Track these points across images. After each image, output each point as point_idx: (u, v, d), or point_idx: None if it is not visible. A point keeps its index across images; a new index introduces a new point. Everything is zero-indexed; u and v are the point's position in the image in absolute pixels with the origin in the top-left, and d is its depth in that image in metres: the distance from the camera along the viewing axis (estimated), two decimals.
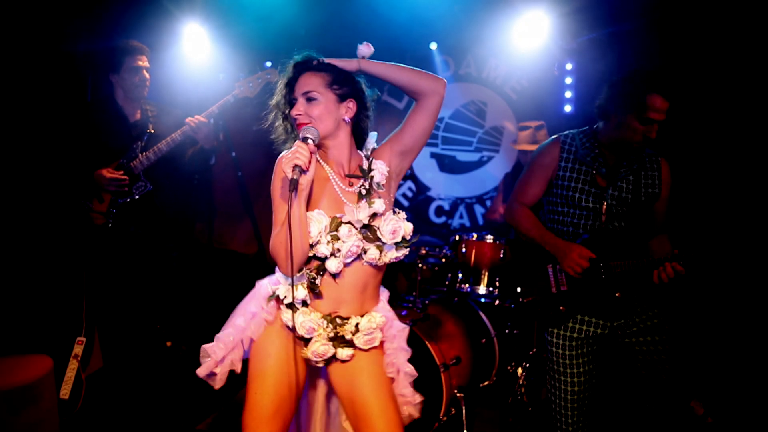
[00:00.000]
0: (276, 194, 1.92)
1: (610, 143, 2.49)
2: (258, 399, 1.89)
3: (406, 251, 1.96)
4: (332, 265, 1.88)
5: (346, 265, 1.91)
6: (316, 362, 1.95)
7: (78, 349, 3.32)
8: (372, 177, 1.98)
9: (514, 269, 2.75)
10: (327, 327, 1.92)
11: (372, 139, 2.09)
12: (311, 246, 1.87)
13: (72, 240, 3.38)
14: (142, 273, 3.49)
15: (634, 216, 2.52)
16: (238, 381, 2.02)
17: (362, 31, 4.76)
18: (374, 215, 1.92)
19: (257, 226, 4.92)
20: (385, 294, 2.12)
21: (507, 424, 3.54)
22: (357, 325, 1.95)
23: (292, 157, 1.76)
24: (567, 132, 2.64)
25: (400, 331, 2.12)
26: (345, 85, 1.95)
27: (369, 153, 2.06)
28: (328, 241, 1.86)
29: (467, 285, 4.12)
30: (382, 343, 2.05)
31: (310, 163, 1.80)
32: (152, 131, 3.40)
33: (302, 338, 1.93)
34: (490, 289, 4.06)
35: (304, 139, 1.84)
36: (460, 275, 4.19)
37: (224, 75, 4.58)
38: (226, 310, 2.04)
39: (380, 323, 1.99)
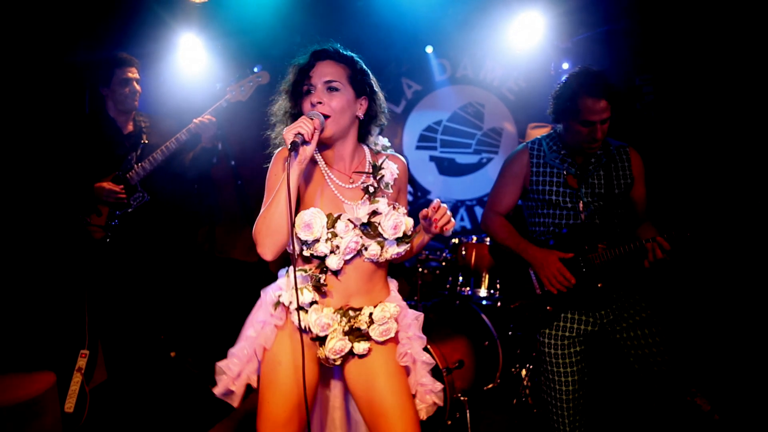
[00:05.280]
0: (269, 183, 1.88)
1: (570, 146, 2.58)
2: (271, 408, 1.85)
3: (407, 246, 1.93)
4: (333, 262, 1.83)
5: (346, 262, 1.87)
6: (334, 361, 1.90)
7: (81, 362, 3.33)
8: (382, 176, 1.95)
9: (500, 275, 2.80)
10: (341, 321, 1.88)
11: (385, 140, 2.06)
12: (310, 244, 1.82)
13: (72, 254, 3.39)
14: (144, 284, 3.50)
15: (613, 208, 2.58)
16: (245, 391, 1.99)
17: (359, 36, 4.78)
18: (374, 213, 1.88)
19: None
20: (394, 284, 2.09)
21: (512, 427, 3.52)
22: (371, 315, 1.91)
23: (294, 126, 1.71)
24: (534, 138, 2.73)
25: (414, 319, 2.08)
26: (362, 81, 1.91)
27: (382, 151, 2.03)
28: (327, 239, 1.81)
29: (468, 288, 4.12)
30: (396, 333, 2.00)
31: (312, 137, 1.74)
32: (146, 141, 3.41)
33: (317, 338, 1.88)
34: (491, 291, 4.06)
35: (310, 116, 1.78)
36: (460, 278, 4.18)
37: (221, 84, 4.59)
38: (229, 318, 2.02)
39: (394, 313, 1.95)
